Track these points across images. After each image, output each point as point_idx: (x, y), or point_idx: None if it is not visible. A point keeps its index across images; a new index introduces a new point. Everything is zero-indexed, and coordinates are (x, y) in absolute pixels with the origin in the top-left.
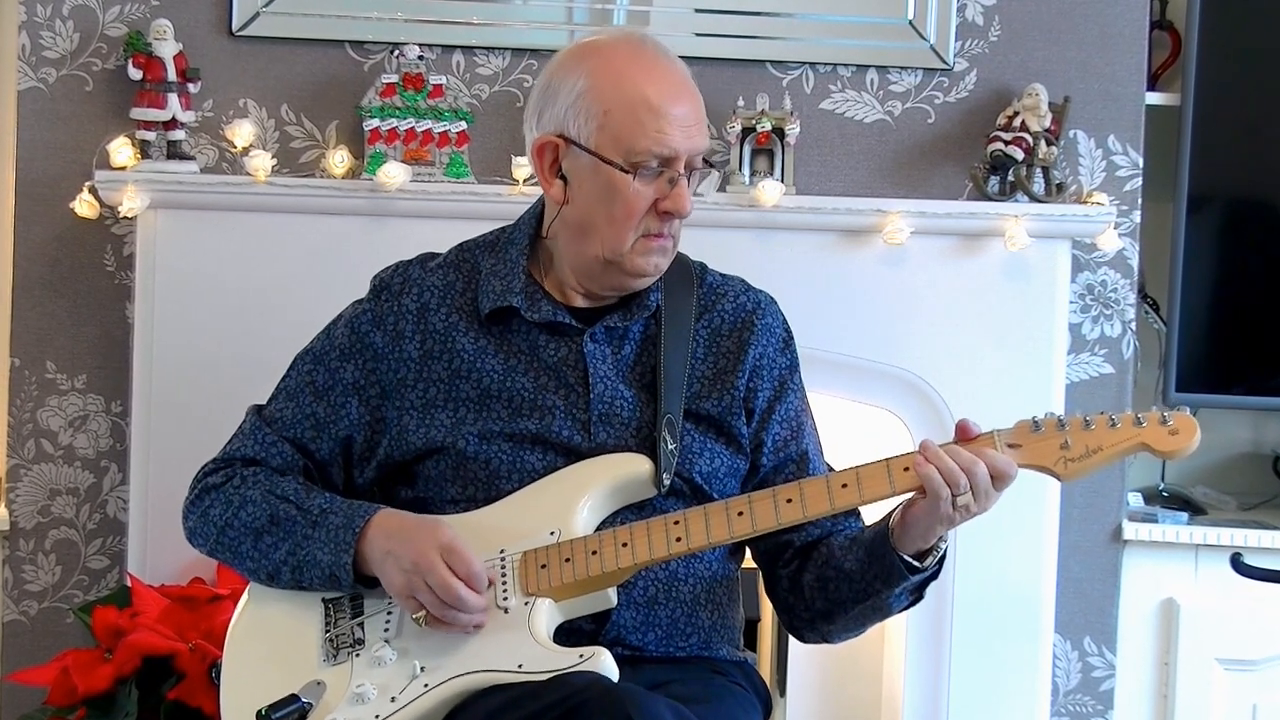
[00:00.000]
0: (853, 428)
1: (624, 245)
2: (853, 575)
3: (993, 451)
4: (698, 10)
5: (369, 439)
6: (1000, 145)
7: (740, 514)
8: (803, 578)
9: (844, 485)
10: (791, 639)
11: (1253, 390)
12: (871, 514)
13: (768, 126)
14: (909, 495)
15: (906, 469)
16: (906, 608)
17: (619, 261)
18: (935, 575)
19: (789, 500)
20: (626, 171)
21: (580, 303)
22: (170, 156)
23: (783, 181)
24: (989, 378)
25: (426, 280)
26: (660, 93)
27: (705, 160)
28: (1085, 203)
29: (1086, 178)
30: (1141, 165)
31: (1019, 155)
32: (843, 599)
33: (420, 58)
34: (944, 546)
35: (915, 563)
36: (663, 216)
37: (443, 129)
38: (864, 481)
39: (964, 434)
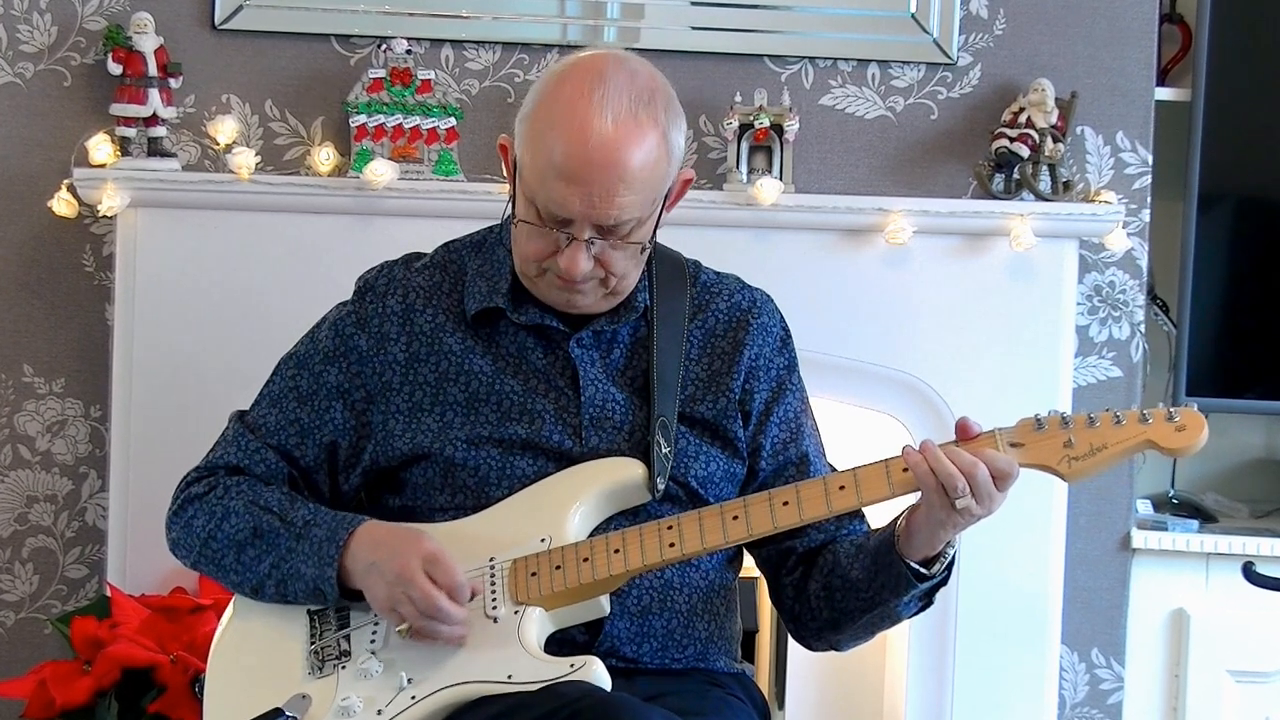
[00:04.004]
0: (853, 433)
1: (528, 274)
2: (859, 584)
3: (993, 452)
4: (694, 3)
5: (354, 444)
6: (1005, 142)
7: (735, 518)
8: (808, 586)
9: (841, 488)
10: (790, 650)
11: (1266, 395)
12: (878, 517)
13: (766, 123)
14: (913, 499)
15: (905, 469)
16: (917, 613)
17: (531, 288)
18: (945, 581)
19: (785, 503)
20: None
21: None
22: (151, 154)
23: (781, 179)
24: (994, 382)
25: (411, 281)
26: (573, 155)
27: (625, 235)
28: (1093, 201)
29: (1094, 175)
30: (1151, 163)
31: (1024, 152)
32: (850, 609)
33: (408, 52)
34: (952, 552)
35: (923, 569)
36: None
37: (431, 125)
38: (862, 483)
39: (964, 433)
